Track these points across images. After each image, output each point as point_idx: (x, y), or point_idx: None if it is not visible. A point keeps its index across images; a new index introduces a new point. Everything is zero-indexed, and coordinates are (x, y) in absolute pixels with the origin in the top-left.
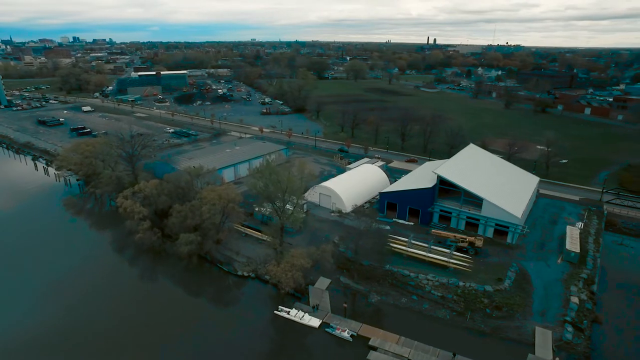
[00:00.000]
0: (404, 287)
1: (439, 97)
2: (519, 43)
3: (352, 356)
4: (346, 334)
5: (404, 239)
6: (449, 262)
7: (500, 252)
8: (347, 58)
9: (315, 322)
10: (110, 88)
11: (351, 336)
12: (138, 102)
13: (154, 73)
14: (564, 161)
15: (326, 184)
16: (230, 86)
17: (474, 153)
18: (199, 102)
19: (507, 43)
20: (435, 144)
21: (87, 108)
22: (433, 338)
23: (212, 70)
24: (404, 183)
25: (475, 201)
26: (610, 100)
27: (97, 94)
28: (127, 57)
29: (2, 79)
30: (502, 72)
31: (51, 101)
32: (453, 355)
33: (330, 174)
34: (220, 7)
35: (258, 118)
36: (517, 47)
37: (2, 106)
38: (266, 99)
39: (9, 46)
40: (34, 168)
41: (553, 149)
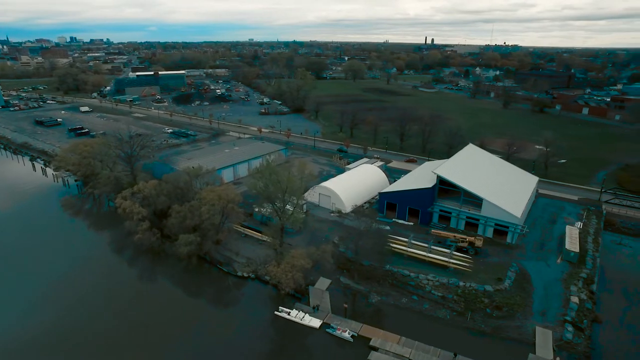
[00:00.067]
0: (404, 287)
1: (437, 97)
2: (517, 43)
3: (353, 357)
4: (347, 335)
5: (404, 239)
6: (449, 262)
7: (500, 252)
8: (345, 58)
9: (315, 323)
10: (108, 88)
11: (352, 337)
12: (136, 102)
13: (152, 73)
14: (563, 161)
15: (326, 184)
16: (228, 86)
17: (473, 153)
18: (197, 102)
19: (505, 43)
20: (434, 144)
21: (85, 108)
22: (434, 338)
23: (210, 70)
24: (404, 183)
25: (474, 201)
26: (607, 100)
27: (95, 94)
28: (125, 57)
29: None
30: (500, 72)
31: (49, 101)
32: (454, 355)
33: (329, 174)
34: (218, 7)
35: (256, 118)
36: (515, 47)
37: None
38: (265, 99)
39: (6, 46)
40: (32, 168)
41: (551, 149)
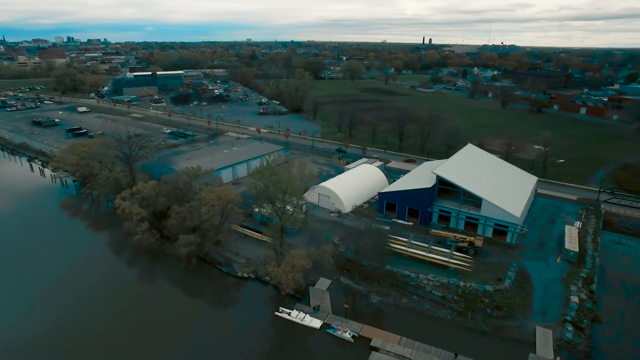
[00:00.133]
0: (405, 288)
1: (436, 97)
2: (514, 43)
3: (354, 357)
4: (347, 335)
5: (404, 239)
6: (449, 262)
7: (499, 252)
8: (344, 58)
9: (316, 323)
10: (105, 88)
11: (352, 337)
12: (134, 103)
13: (150, 73)
14: (561, 161)
15: (325, 185)
16: (226, 86)
17: (473, 153)
18: (196, 103)
19: (502, 43)
20: (432, 144)
21: (83, 109)
22: (434, 338)
23: (208, 70)
24: (403, 183)
25: (474, 201)
26: (605, 100)
27: (93, 95)
28: (123, 57)
29: None
30: (498, 72)
31: (46, 102)
32: (455, 355)
33: (328, 174)
34: (216, 7)
35: (255, 118)
36: (512, 47)
37: None
38: (263, 99)
39: (2, 46)
40: (30, 169)
41: (550, 149)
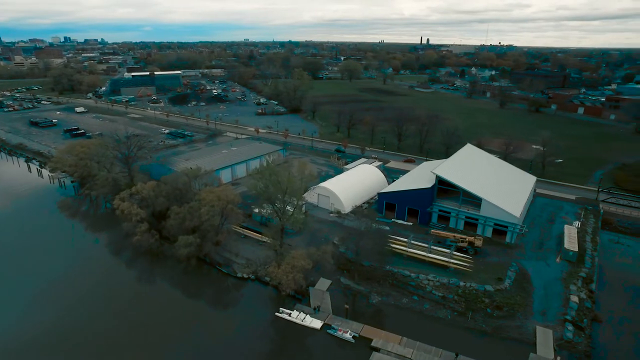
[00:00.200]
0: (405, 288)
1: (434, 97)
2: (512, 43)
3: (355, 357)
4: (348, 335)
5: (404, 239)
6: (449, 262)
7: (499, 252)
8: (341, 58)
9: (317, 324)
10: (103, 89)
11: (353, 337)
12: (132, 103)
13: (148, 73)
14: (560, 160)
15: (324, 185)
16: (224, 86)
17: (472, 153)
18: (194, 103)
19: (500, 43)
20: (431, 144)
21: (81, 109)
22: (435, 338)
23: (206, 70)
24: (403, 183)
25: (474, 201)
26: (602, 100)
27: (91, 95)
28: (120, 58)
29: None
30: (496, 72)
31: (43, 102)
32: (455, 355)
33: (327, 175)
34: (213, 7)
35: (253, 118)
36: (510, 47)
37: None
38: (261, 100)
39: None
40: (27, 170)
41: (548, 149)
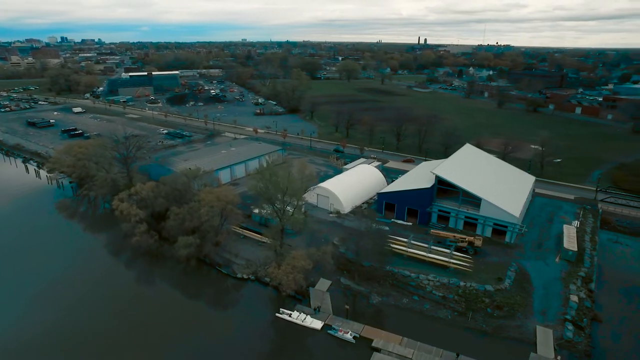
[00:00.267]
0: (405, 288)
1: (432, 97)
2: (509, 43)
3: (355, 358)
4: (349, 336)
5: (404, 240)
6: (449, 262)
7: (499, 252)
8: (339, 58)
9: (317, 324)
10: (101, 89)
11: (354, 338)
12: (130, 103)
13: (146, 74)
14: (558, 160)
15: (324, 185)
16: (222, 87)
17: (471, 153)
18: (192, 103)
19: (497, 43)
20: (430, 144)
21: (78, 109)
22: (435, 338)
23: (204, 70)
24: (402, 183)
25: (473, 201)
26: (600, 99)
27: (88, 95)
28: (117, 58)
29: None
30: (494, 72)
31: (40, 102)
32: (456, 355)
33: (327, 175)
34: (211, 7)
35: (252, 119)
36: (507, 47)
37: None
38: (259, 100)
39: None
40: (25, 170)
41: (547, 148)
